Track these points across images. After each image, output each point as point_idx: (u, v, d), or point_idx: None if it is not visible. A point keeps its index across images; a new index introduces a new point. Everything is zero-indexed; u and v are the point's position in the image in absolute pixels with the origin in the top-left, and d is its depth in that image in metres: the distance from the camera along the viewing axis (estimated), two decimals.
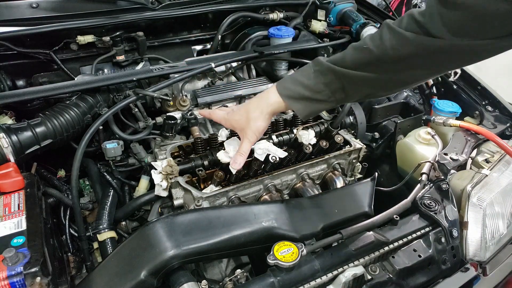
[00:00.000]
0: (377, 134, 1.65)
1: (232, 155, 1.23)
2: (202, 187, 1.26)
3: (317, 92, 0.96)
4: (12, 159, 1.14)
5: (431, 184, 1.22)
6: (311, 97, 0.96)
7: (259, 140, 1.31)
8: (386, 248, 1.06)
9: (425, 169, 1.26)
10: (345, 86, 0.94)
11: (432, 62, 0.86)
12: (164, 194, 1.22)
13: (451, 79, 1.67)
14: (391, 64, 0.87)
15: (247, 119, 1.07)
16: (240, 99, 1.56)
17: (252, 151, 1.28)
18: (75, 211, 1.21)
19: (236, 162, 1.11)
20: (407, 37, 0.82)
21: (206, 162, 1.28)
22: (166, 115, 1.44)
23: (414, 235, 1.11)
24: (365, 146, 1.42)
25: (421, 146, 1.46)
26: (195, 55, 1.96)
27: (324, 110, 1.11)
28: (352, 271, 0.97)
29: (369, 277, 0.98)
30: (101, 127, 1.35)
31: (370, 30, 1.76)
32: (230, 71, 1.65)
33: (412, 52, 0.83)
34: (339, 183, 1.36)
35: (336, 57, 0.95)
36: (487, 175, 1.23)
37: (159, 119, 1.44)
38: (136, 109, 1.40)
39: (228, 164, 1.22)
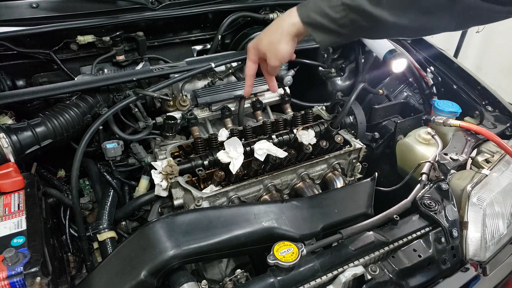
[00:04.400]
0: (377, 134, 1.65)
1: (232, 155, 1.23)
2: (202, 187, 1.26)
3: (342, 27, 0.92)
4: (12, 159, 1.14)
5: (431, 184, 1.22)
6: (335, 30, 0.93)
7: (261, 139, 1.32)
8: (386, 248, 1.06)
9: (425, 169, 1.26)
10: (372, 28, 0.90)
11: (463, 15, 0.83)
12: (164, 194, 1.22)
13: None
14: (423, 7, 0.83)
15: (270, 43, 1.05)
16: (240, 99, 1.56)
17: (252, 151, 1.28)
18: (75, 211, 1.21)
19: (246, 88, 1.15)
20: None
21: (206, 162, 1.28)
22: (166, 115, 1.44)
23: (414, 235, 1.11)
24: (365, 146, 1.42)
25: (421, 146, 1.46)
26: (195, 55, 1.95)
27: (343, 42, 1.07)
28: (352, 271, 0.97)
29: (369, 277, 0.98)
30: (101, 127, 1.35)
31: None
32: (230, 71, 1.65)
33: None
34: (339, 183, 1.36)
35: None
36: (487, 175, 1.23)
37: (159, 119, 1.44)
38: (136, 109, 1.40)
39: (228, 164, 1.22)
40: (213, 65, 1.50)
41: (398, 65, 1.76)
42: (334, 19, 0.92)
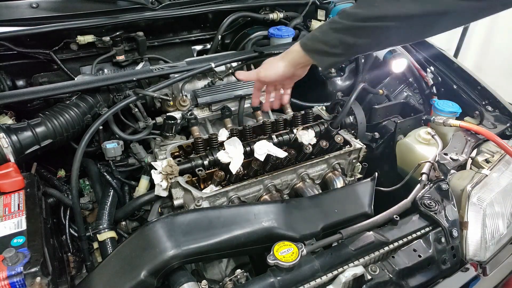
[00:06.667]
0: (377, 134, 1.65)
1: (232, 155, 1.23)
2: (202, 187, 1.26)
3: (334, 47, 1.03)
4: (12, 159, 1.14)
5: (431, 184, 1.22)
6: (329, 51, 1.04)
7: (261, 139, 1.32)
8: (386, 248, 1.06)
9: (425, 169, 1.26)
10: (357, 42, 0.99)
11: (434, 21, 0.89)
12: (164, 194, 1.22)
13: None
14: (397, 20, 0.90)
15: (269, 62, 1.21)
16: (240, 99, 1.56)
17: (252, 151, 1.28)
18: (75, 211, 1.21)
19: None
20: None
21: (206, 162, 1.28)
22: (166, 115, 1.44)
23: (414, 235, 1.11)
24: (365, 146, 1.42)
25: (421, 146, 1.46)
26: (195, 55, 1.96)
27: (343, 62, 1.20)
28: (352, 271, 0.97)
29: (369, 277, 0.98)
30: (101, 127, 1.35)
31: None
32: (230, 71, 1.65)
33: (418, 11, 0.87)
34: (339, 183, 1.36)
35: (350, 11, 1.00)
36: (487, 175, 1.23)
37: (159, 119, 1.44)
38: (136, 109, 1.40)
39: (228, 164, 1.22)
40: (213, 65, 1.50)
41: (398, 65, 1.77)
42: (325, 42, 1.04)
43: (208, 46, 1.95)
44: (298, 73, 1.20)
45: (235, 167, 1.21)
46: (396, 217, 1.11)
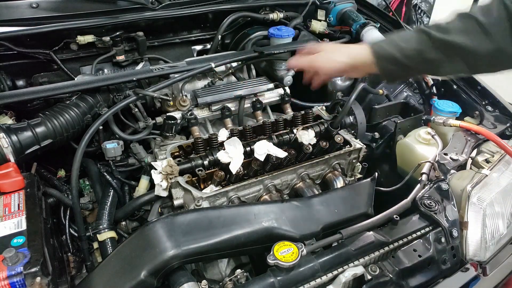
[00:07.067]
0: (377, 134, 1.65)
1: (232, 155, 1.23)
2: (202, 187, 1.26)
3: (407, 57, 0.92)
4: (12, 159, 1.14)
5: (431, 184, 1.22)
6: (399, 60, 0.93)
7: (261, 139, 1.32)
8: (386, 248, 1.06)
9: (425, 169, 1.26)
10: (440, 58, 0.89)
11: None
12: (164, 194, 1.22)
13: None
14: (496, 36, 0.83)
15: (328, 52, 1.06)
16: (240, 99, 1.56)
17: (252, 151, 1.28)
18: (75, 211, 1.21)
19: (291, 62, 1.17)
20: None
21: (206, 162, 1.28)
22: (166, 115, 1.44)
23: (414, 235, 1.11)
24: (365, 146, 1.42)
25: (421, 146, 1.46)
26: (195, 55, 1.96)
27: (407, 78, 1.04)
28: (352, 271, 0.97)
29: (369, 277, 0.98)
30: (101, 127, 1.36)
31: (370, 30, 1.76)
32: (230, 71, 1.65)
33: None
34: (339, 183, 1.36)
35: (439, 24, 0.90)
36: (487, 175, 1.23)
37: (159, 119, 1.44)
38: (136, 109, 1.40)
39: (228, 164, 1.22)
40: (213, 65, 1.50)
41: None
42: (401, 48, 0.92)
43: (208, 46, 1.95)
44: (352, 74, 1.09)
45: (235, 167, 1.21)
46: (396, 217, 1.11)
